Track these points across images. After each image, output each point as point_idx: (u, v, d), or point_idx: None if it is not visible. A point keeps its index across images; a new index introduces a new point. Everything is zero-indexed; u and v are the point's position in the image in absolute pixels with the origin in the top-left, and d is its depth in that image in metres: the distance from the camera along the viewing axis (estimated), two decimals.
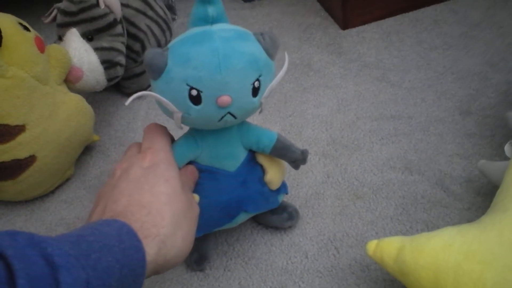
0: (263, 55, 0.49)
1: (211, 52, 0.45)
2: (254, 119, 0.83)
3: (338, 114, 0.83)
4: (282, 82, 0.92)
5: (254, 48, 0.48)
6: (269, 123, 0.83)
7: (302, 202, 0.69)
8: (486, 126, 0.76)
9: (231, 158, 0.55)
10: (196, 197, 0.54)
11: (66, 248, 0.35)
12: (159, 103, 0.49)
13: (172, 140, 0.55)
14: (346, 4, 1.02)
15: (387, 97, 0.85)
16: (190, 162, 0.55)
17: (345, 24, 1.05)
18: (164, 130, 0.53)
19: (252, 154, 0.57)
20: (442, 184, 0.68)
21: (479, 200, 0.65)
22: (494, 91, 0.83)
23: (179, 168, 0.53)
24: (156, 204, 0.44)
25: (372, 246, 0.53)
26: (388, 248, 0.51)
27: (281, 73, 0.51)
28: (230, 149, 0.55)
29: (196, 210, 0.50)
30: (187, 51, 0.46)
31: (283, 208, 0.64)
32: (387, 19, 1.06)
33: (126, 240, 0.40)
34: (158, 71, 0.47)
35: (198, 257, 0.61)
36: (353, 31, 1.04)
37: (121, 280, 0.38)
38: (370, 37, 1.02)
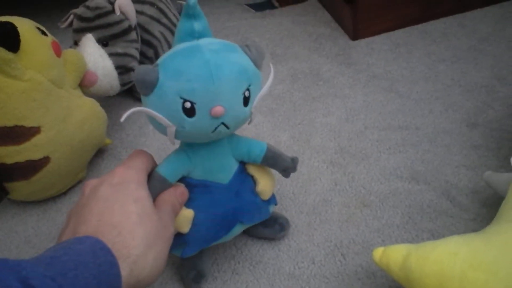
0: (251, 65, 0.50)
1: (203, 63, 0.46)
2: (263, 127, 0.84)
3: (347, 123, 0.84)
4: (291, 91, 0.93)
5: (242, 59, 0.49)
6: (278, 131, 0.85)
7: (309, 209, 0.70)
8: (493, 139, 0.77)
9: (224, 170, 0.56)
10: (191, 213, 0.54)
11: (41, 269, 0.35)
12: (152, 118, 0.49)
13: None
14: (356, 16, 1.03)
15: (395, 108, 0.87)
16: (181, 178, 0.55)
17: (355, 35, 1.06)
18: (147, 154, 0.53)
19: (242, 166, 0.58)
20: (448, 195, 0.69)
21: (484, 211, 0.66)
22: (501, 104, 0.84)
23: (171, 184, 0.53)
24: (126, 224, 0.44)
25: (378, 253, 0.53)
26: (394, 256, 0.52)
27: (268, 82, 0.52)
28: (222, 161, 0.55)
29: (170, 230, 0.49)
30: (178, 64, 0.47)
31: (274, 220, 0.65)
32: (396, 31, 1.08)
33: (101, 256, 0.40)
34: (151, 86, 0.47)
35: (195, 274, 0.61)
36: (363, 42, 1.06)
37: None
38: (379, 48, 1.03)
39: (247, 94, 0.49)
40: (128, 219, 0.44)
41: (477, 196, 0.68)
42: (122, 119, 0.47)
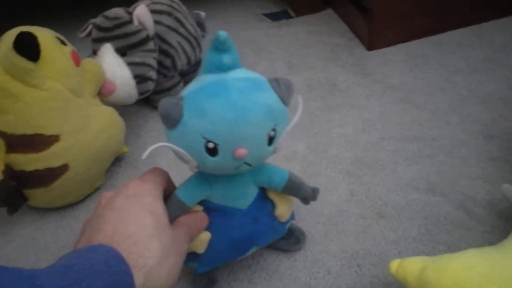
0: (279, 104, 0.48)
1: (228, 105, 0.44)
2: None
3: (363, 134, 0.85)
4: (308, 101, 0.94)
5: (270, 98, 0.47)
6: (294, 141, 0.85)
7: (326, 219, 0.70)
8: (509, 151, 0.77)
9: (243, 197, 0.55)
10: (207, 235, 0.54)
11: (56, 279, 0.36)
12: (174, 151, 0.48)
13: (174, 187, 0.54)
14: (371, 26, 1.04)
15: (411, 119, 0.87)
16: (200, 201, 0.55)
17: (370, 45, 1.06)
18: (162, 170, 0.53)
19: (262, 191, 0.57)
20: (464, 207, 0.69)
21: (501, 223, 0.66)
22: None
23: (190, 208, 0.53)
24: (142, 236, 0.44)
25: (394, 265, 0.53)
26: (410, 268, 0.52)
27: (296, 118, 0.51)
28: (242, 189, 0.54)
29: (184, 247, 0.49)
30: (203, 103, 0.45)
31: (290, 232, 0.65)
32: (412, 42, 1.08)
33: (114, 265, 0.40)
34: (174, 122, 0.46)
35: (207, 282, 0.61)
36: (379, 52, 1.06)
37: None
38: (395, 59, 1.03)
39: (272, 134, 0.48)
40: (143, 230, 0.44)
41: (493, 209, 0.68)
42: (144, 156, 0.46)
